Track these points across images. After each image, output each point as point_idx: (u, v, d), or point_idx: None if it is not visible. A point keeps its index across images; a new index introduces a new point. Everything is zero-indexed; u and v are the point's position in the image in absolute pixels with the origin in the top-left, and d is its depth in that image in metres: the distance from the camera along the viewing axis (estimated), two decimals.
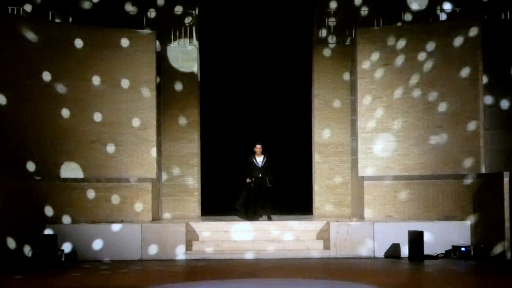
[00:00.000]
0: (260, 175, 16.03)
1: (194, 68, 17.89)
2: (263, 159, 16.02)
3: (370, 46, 16.35)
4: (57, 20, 16.29)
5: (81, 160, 15.74)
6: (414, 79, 15.90)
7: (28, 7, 15.89)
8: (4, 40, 14.67)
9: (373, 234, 14.52)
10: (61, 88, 15.56)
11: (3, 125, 14.49)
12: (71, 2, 16.73)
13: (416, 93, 15.89)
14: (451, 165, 15.27)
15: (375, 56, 16.31)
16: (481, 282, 11.59)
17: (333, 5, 17.65)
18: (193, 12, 17.78)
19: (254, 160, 16.06)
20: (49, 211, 14.98)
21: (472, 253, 13.97)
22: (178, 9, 17.68)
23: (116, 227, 14.73)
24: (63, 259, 13.71)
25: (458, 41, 15.33)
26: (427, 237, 14.18)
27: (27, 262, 13.61)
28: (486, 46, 14.98)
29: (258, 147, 16.11)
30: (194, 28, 17.80)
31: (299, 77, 18.64)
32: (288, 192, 18.47)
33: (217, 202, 18.26)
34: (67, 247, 14.25)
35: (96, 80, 16.02)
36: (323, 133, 17.90)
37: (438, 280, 11.72)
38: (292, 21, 18.39)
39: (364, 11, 17.43)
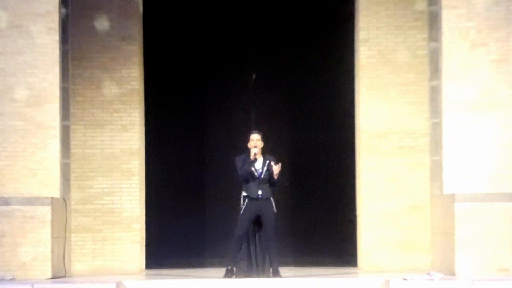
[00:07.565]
0: (260, 194, 12.87)
1: None
2: (265, 163, 13.01)
3: None
4: None
5: None
6: None
7: None
8: None
9: None
10: None
11: None
12: None
13: None
14: None
15: None
16: None
17: None
18: None
19: (251, 167, 13.02)
20: None
21: None
22: None
23: None
24: None
25: None
26: None
27: None
28: None
29: (255, 139, 12.99)
30: None
31: (331, 8, 15.55)
32: (311, 223, 15.51)
33: (177, 243, 15.53)
34: None
35: None
36: (377, 114, 14.66)
37: None
38: None
39: None
